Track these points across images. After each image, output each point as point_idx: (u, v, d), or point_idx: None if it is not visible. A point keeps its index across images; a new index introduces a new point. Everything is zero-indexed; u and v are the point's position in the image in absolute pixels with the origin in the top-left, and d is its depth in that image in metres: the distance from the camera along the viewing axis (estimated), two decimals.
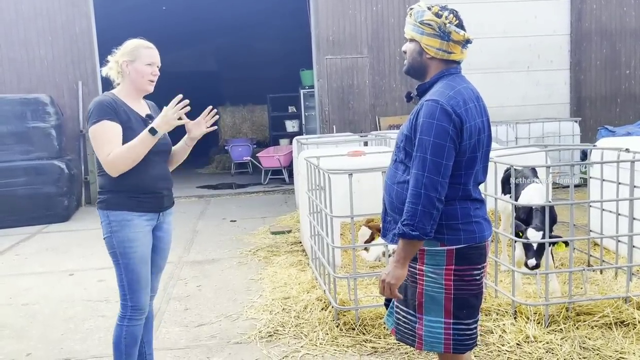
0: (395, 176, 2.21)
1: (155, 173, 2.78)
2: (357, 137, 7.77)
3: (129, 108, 2.74)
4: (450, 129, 2.02)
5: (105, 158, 2.63)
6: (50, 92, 8.70)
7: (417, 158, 2.04)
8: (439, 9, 2.13)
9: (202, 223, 7.56)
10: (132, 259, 2.71)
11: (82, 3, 9.05)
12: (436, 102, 2.04)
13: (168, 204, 2.89)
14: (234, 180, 11.63)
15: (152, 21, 13.51)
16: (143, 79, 2.75)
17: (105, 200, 2.73)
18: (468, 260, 2.11)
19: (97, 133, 2.64)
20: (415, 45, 2.18)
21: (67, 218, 8.05)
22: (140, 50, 2.76)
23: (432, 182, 2.01)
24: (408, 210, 2.03)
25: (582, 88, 10.15)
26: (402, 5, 9.66)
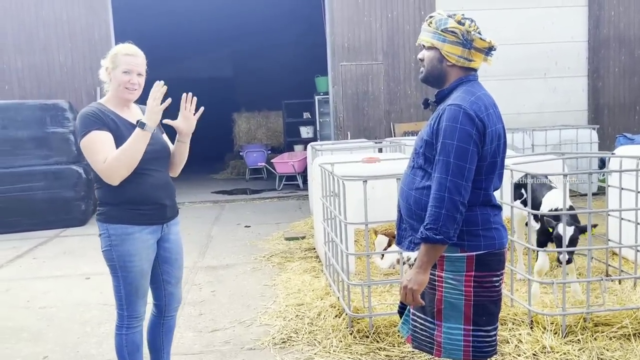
0: (413, 182, 2.20)
1: (155, 182, 2.67)
2: (372, 144, 7.77)
3: (117, 115, 2.64)
4: (474, 133, 2.03)
5: (101, 166, 2.52)
6: (69, 98, 8.84)
7: (440, 162, 2.04)
8: (462, 17, 2.15)
9: (216, 228, 7.60)
10: (131, 273, 2.64)
11: (101, 10, 9.20)
12: (459, 106, 2.05)
13: (171, 214, 2.77)
14: (249, 185, 11.68)
15: (168, 28, 13.69)
16: (119, 87, 2.63)
17: (105, 213, 2.64)
18: (487, 266, 2.11)
19: (87, 144, 2.54)
20: (435, 53, 2.18)
21: (84, 222, 8.14)
22: (119, 57, 2.62)
23: (456, 185, 2.01)
24: (431, 214, 2.02)
25: (600, 95, 10.04)
26: (418, 12, 9.66)
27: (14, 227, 7.67)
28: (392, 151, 7.07)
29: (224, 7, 11.98)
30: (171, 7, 11.99)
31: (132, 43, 2.73)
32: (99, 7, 9.19)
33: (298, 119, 13.50)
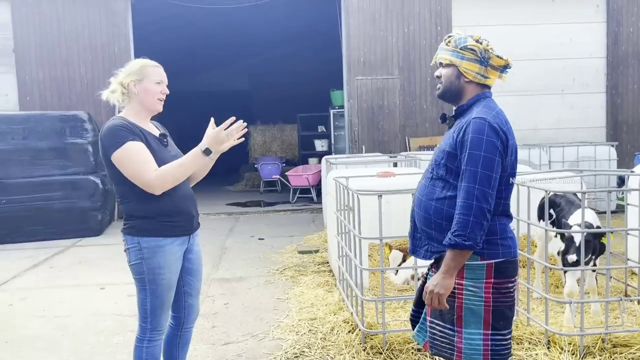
0: (433, 192, 2.28)
1: (184, 193, 2.70)
2: (387, 158, 7.76)
3: (143, 129, 2.66)
4: (499, 144, 2.14)
5: (151, 175, 2.53)
6: (88, 109, 8.99)
7: (468, 171, 2.13)
8: (479, 37, 2.28)
9: (230, 240, 7.62)
10: (160, 286, 2.65)
11: (121, 24, 9.37)
12: (484, 119, 2.16)
13: (197, 225, 2.83)
14: (263, 198, 11.71)
15: (186, 41, 13.88)
16: (153, 97, 2.67)
17: (136, 227, 2.63)
18: (505, 273, 2.21)
19: (127, 155, 2.53)
20: (453, 70, 2.29)
21: (100, 232, 8.22)
22: (147, 69, 2.68)
23: (484, 193, 2.11)
24: (459, 221, 2.11)
25: (619, 112, 9.93)
26: (434, 28, 9.68)
27: (31, 236, 7.77)
28: (407, 166, 7.06)
29: (241, 21, 12.13)
30: (189, 20, 12.16)
31: (145, 58, 2.78)
32: (120, 21, 9.36)
33: (313, 132, 13.56)
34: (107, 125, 2.62)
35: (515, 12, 9.72)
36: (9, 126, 7.98)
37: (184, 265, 2.79)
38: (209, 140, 2.59)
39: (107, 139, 2.59)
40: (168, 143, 2.78)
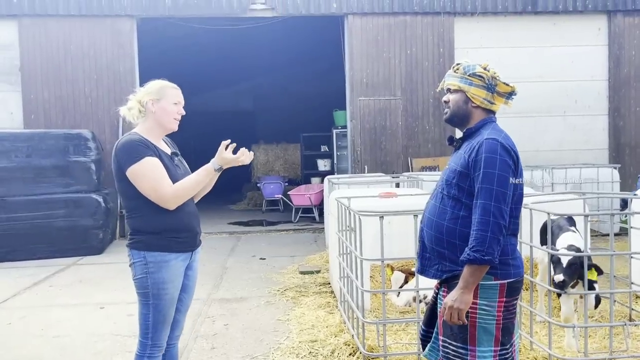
0: (444, 212, 2.33)
1: (189, 210, 2.80)
2: (389, 178, 7.75)
3: (156, 146, 2.76)
4: (511, 163, 2.24)
5: (167, 190, 2.65)
6: (92, 128, 9.04)
7: (484, 189, 2.21)
8: (487, 64, 2.40)
9: (232, 260, 7.59)
10: (163, 300, 2.71)
11: (127, 44, 9.48)
12: (496, 140, 2.25)
13: (199, 242, 2.91)
14: (265, 217, 11.69)
15: (192, 61, 14.02)
16: (169, 117, 2.79)
17: (143, 241, 2.70)
18: (514, 292, 2.29)
19: (145, 170, 2.63)
20: (461, 95, 2.40)
21: (102, 251, 8.20)
22: (166, 90, 2.81)
23: (500, 210, 2.18)
24: (477, 237, 2.17)
25: (621, 134, 9.94)
26: (436, 49, 9.76)
27: (33, 254, 7.76)
28: (409, 186, 7.05)
29: (245, 42, 12.25)
30: (194, 41, 12.30)
31: (164, 79, 2.91)
32: (125, 41, 9.47)
33: (316, 151, 13.59)
34: (124, 140, 2.72)
35: (517, 35, 9.81)
36: (13, 144, 8.02)
37: (182, 282, 2.84)
38: (221, 160, 2.76)
39: (123, 154, 2.67)
40: (179, 161, 2.90)
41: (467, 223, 2.25)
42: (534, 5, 9.74)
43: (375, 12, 9.66)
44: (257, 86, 17.34)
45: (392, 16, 9.70)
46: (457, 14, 9.75)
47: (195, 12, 9.53)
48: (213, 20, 9.97)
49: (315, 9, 9.61)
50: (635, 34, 9.88)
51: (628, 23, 9.87)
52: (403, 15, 9.71)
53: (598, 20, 9.91)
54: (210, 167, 2.75)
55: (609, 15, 9.87)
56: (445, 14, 9.73)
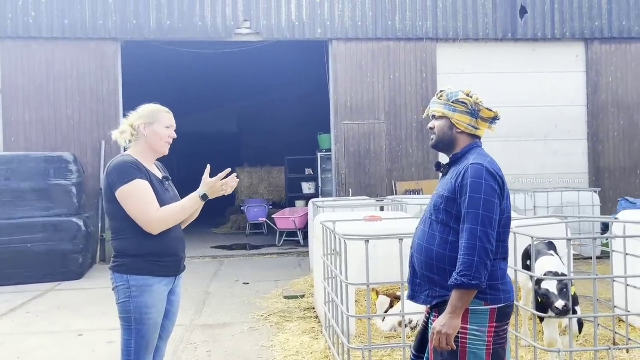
0: (433, 237, 2.34)
1: (175, 235, 2.79)
2: (374, 202, 7.76)
3: (147, 169, 2.78)
4: (497, 188, 2.25)
5: (154, 214, 2.64)
6: (74, 151, 8.94)
7: (470, 214, 2.22)
8: (470, 91, 2.43)
9: (215, 284, 7.47)
10: (146, 326, 2.67)
11: (111, 67, 9.45)
12: (481, 165, 2.28)
13: (183, 267, 2.90)
14: (249, 241, 11.59)
15: (175, 83, 14.02)
16: (161, 140, 2.81)
17: (126, 265, 2.69)
18: (505, 317, 2.29)
19: (135, 192, 2.64)
20: (446, 122, 2.43)
21: (81, 276, 8.03)
22: (159, 114, 2.83)
23: (486, 234, 2.19)
24: (465, 262, 2.18)
25: (601, 159, 10.12)
26: (419, 75, 9.91)
27: (10, 279, 7.56)
28: (394, 210, 7.06)
29: (230, 65, 12.31)
30: (179, 63, 12.31)
31: (157, 104, 2.93)
32: (109, 63, 9.44)
33: (300, 175, 13.60)
34: (117, 160, 2.74)
35: (498, 61, 10.01)
36: None
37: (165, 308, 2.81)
38: (206, 188, 2.75)
39: (115, 174, 2.68)
40: (169, 186, 2.90)
41: (457, 248, 2.26)
42: (513, 33, 9.98)
43: (359, 38, 9.80)
44: (241, 109, 17.38)
45: (375, 42, 9.85)
46: (440, 40, 9.93)
47: (180, 35, 9.57)
48: (198, 44, 10.02)
49: (300, 34, 9.72)
50: (611, 61, 10.15)
51: (605, 50, 10.14)
52: (387, 41, 9.86)
53: (576, 48, 10.18)
54: (196, 196, 2.75)
55: (586, 43, 10.15)
56: (427, 40, 9.91)
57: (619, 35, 10.11)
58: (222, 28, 9.58)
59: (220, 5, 9.55)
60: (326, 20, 9.72)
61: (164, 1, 9.45)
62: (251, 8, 9.60)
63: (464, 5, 9.89)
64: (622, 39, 10.13)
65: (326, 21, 9.72)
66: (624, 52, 10.17)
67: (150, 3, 9.42)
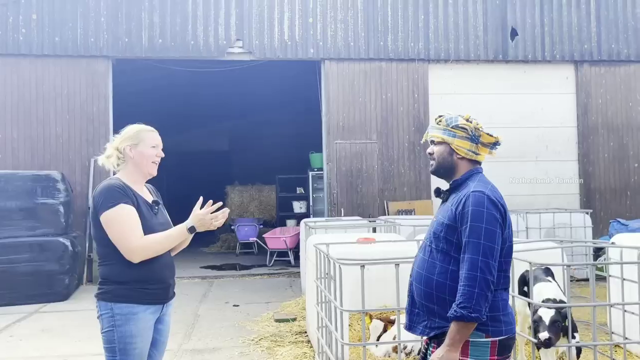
0: (433, 266, 2.28)
1: (164, 261, 2.71)
2: (366, 222, 7.70)
3: (137, 193, 2.71)
4: (498, 217, 2.20)
5: (137, 242, 2.55)
6: (62, 169, 8.81)
7: (471, 243, 2.16)
8: (469, 116, 2.40)
9: (204, 307, 7.33)
10: (130, 356, 2.57)
11: (101, 84, 9.38)
12: (482, 192, 2.23)
13: (172, 294, 2.81)
14: (239, 260, 11.45)
15: (166, 101, 13.96)
16: (147, 160, 2.75)
17: (111, 292, 2.60)
18: (506, 349, 2.23)
19: (118, 217, 2.56)
20: (445, 147, 2.39)
21: (67, 297, 7.84)
22: (143, 134, 2.77)
23: (487, 265, 2.13)
24: (465, 293, 2.11)
25: (591, 180, 10.17)
26: (411, 95, 9.93)
27: None
28: (386, 231, 7.00)
29: (222, 83, 12.30)
30: (171, 82, 12.27)
31: (141, 123, 2.86)
32: (100, 82, 9.37)
33: (291, 193, 13.51)
34: (104, 184, 2.66)
35: (489, 82, 10.08)
36: None
37: (152, 336, 2.71)
38: (195, 220, 2.67)
39: (100, 198, 2.60)
40: (159, 211, 2.81)
41: (457, 277, 2.20)
42: (504, 54, 10.06)
43: (351, 58, 9.83)
44: (233, 127, 17.32)
45: (367, 62, 9.88)
46: (431, 60, 9.99)
47: (172, 54, 9.53)
48: (190, 63, 9.99)
49: (293, 54, 9.73)
50: (601, 83, 10.26)
51: (594, 72, 10.26)
52: (378, 62, 9.90)
53: (566, 70, 10.28)
54: (183, 227, 2.68)
55: (576, 65, 10.25)
56: (419, 61, 9.96)
57: (608, 57, 10.24)
58: (214, 47, 9.56)
59: (213, 24, 9.56)
60: (319, 40, 9.75)
61: (156, 19, 9.44)
62: (244, 27, 9.61)
63: (455, 27, 9.98)
64: (611, 61, 10.26)
65: (319, 41, 9.75)
66: (613, 74, 10.29)
67: (142, 21, 9.40)
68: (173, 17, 9.47)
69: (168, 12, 9.46)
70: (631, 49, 10.27)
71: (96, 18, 9.30)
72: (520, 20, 10.08)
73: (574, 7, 10.20)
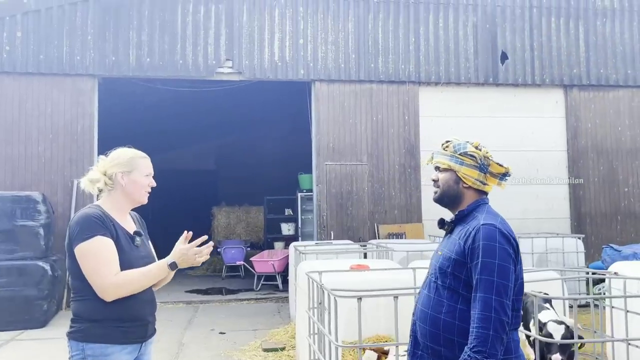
0: (440, 305, 2.13)
1: (144, 297, 2.48)
2: (358, 247, 7.53)
3: (117, 224, 2.50)
4: (511, 252, 2.05)
5: (110, 279, 2.33)
6: (43, 189, 8.54)
7: (484, 281, 2.01)
8: (479, 143, 2.28)
9: (189, 334, 7.06)
10: None
11: (87, 103, 9.16)
12: (494, 225, 2.08)
13: (152, 331, 2.58)
14: (225, 284, 11.17)
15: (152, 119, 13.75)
16: (141, 190, 2.57)
17: (82, 331, 2.37)
18: None
19: (93, 250, 2.35)
20: (451, 175, 2.26)
21: (45, 323, 7.51)
22: (137, 161, 2.59)
23: (502, 304, 1.98)
24: (478, 336, 1.96)
25: (582, 204, 10.13)
26: (402, 117, 9.86)
27: None
28: (378, 256, 6.83)
29: (210, 102, 12.15)
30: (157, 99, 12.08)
31: (130, 147, 2.67)
32: (85, 100, 9.16)
33: (280, 215, 13.32)
34: (81, 213, 2.45)
35: (479, 105, 10.06)
36: None
37: None
38: (177, 256, 2.47)
39: (76, 228, 2.40)
40: (141, 242, 2.59)
41: (467, 317, 2.04)
42: (495, 78, 10.07)
43: (342, 79, 9.76)
44: (220, 146, 17.12)
45: (358, 83, 9.81)
46: (422, 83, 9.96)
47: (160, 73, 9.37)
48: (179, 82, 9.83)
49: (283, 74, 9.63)
50: (590, 107, 10.30)
51: (583, 97, 10.30)
52: (369, 83, 9.84)
53: (555, 94, 10.31)
54: (164, 264, 2.47)
55: (565, 89, 10.29)
56: (410, 83, 9.92)
57: (597, 82, 10.30)
58: (203, 67, 9.43)
59: (202, 43, 9.44)
60: (309, 62, 9.67)
61: (144, 38, 9.29)
62: (233, 47, 9.51)
63: (445, 50, 9.98)
64: (599, 86, 10.32)
65: (309, 62, 9.67)
66: (602, 99, 10.35)
67: (130, 40, 9.25)
68: (161, 36, 9.34)
69: (157, 31, 9.33)
70: (619, 74, 10.35)
71: (83, 36, 9.13)
72: (511, 44, 10.12)
73: (563, 32, 10.28)
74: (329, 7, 9.78)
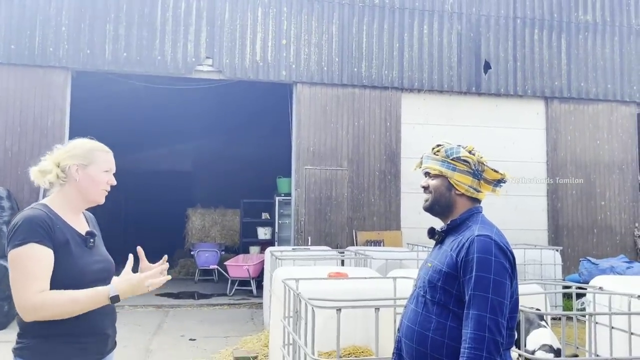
0: (428, 321, 1.97)
1: (103, 309, 2.14)
2: (336, 254, 7.36)
3: (67, 225, 2.17)
4: (507, 266, 1.93)
5: (34, 298, 1.97)
6: (9, 185, 8.17)
7: (477, 297, 1.86)
8: (472, 148, 2.16)
9: (157, 340, 6.77)
10: None
11: (58, 97, 8.81)
12: (489, 237, 1.95)
13: (112, 345, 2.29)
14: (197, 288, 10.87)
15: (128, 118, 13.38)
16: (97, 187, 2.24)
17: (30, 348, 2.05)
18: None
19: (22, 260, 2.00)
20: (443, 181, 2.13)
21: (5, 326, 7.16)
22: (96, 154, 2.26)
23: (497, 324, 1.84)
24: (470, 357, 1.82)
25: (559, 216, 10.14)
26: (383, 123, 9.75)
27: None
28: (356, 263, 6.67)
29: (187, 101, 11.88)
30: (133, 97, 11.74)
31: (92, 139, 2.34)
32: (57, 94, 8.80)
33: (256, 219, 13.07)
34: (23, 214, 2.10)
35: (461, 114, 10.01)
36: None
37: None
38: (125, 285, 2.10)
39: (12, 231, 2.06)
40: (95, 244, 2.26)
41: (457, 336, 1.88)
42: (477, 87, 10.04)
43: (324, 83, 9.61)
44: (197, 147, 16.80)
45: (341, 87, 9.67)
46: (404, 89, 9.86)
47: (137, 69, 9.08)
48: (156, 79, 9.55)
49: (264, 75, 9.43)
50: (570, 120, 10.34)
51: (564, 109, 10.34)
52: (352, 88, 9.71)
53: (536, 105, 10.33)
54: (104, 295, 2.07)
55: (546, 101, 10.32)
56: (392, 89, 9.82)
57: (577, 95, 10.35)
58: (182, 64, 9.17)
59: (182, 40, 9.18)
60: (291, 63, 9.50)
61: (121, 32, 8.99)
62: (214, 45, 9.27)
63: (429, 57, 9.92)
64: (580, 99, 10.38)
65: (291, 64, 9.49)
66: (582, 112, 10.41)
67: (106, 33, 8.94)
68: (140, 30, 9.05)
69: (135, 25, 9.04)
70: (599, 87, 10.43)
71: (57, 27, 8.79)
72: (494, 54, 10.11)
73: (546, 44, 10.32)
74: (314, 9, 9.63)
